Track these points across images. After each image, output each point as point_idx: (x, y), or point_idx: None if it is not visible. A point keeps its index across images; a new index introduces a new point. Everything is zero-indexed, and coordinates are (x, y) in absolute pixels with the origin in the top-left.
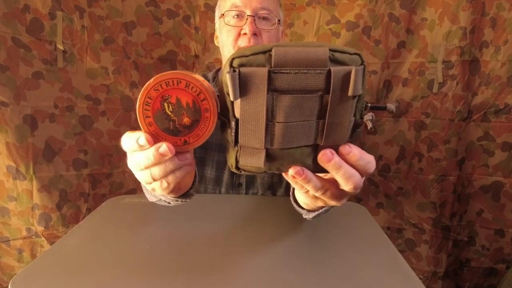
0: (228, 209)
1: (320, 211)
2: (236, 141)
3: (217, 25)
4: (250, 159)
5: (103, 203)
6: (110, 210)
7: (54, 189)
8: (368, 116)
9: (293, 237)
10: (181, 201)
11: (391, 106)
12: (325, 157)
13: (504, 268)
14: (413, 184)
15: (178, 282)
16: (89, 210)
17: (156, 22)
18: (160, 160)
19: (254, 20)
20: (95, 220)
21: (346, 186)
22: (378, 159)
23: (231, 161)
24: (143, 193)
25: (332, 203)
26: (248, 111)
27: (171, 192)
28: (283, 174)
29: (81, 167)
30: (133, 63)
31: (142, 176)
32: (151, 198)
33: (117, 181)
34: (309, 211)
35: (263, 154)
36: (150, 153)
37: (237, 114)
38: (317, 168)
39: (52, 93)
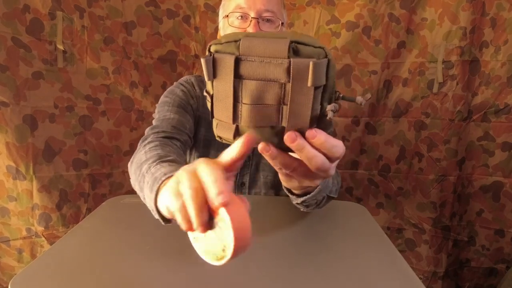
0: None
1: (308, 196)
2: (212, 115)
3: (220, 25)
4: (223, 131)
5: (103, 203)
6: (110, 210)
7: (54, 189)
8: (330, 107)
9: (294, 237)
10: (161, 220)
11: (360, 98)
12: (289, 138)
13: (504, 268)
14: (413, 184)
15: (179, 282)
16: (89, 210)
17: (156, 22)
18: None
19: (258, 22)
20: (95, 220)
21: (310, 166)
22: (378, 159)
23: (213, 130)
24: None
25: (306, 182)
26: (219, 91)
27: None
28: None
29: (81, 167)
30: (133, 63)
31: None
32: (140, 194)
33: (117, 181)
34: (297, 196)
35: (233, 129)
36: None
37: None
38: (284, 147)
39: (52, 93)
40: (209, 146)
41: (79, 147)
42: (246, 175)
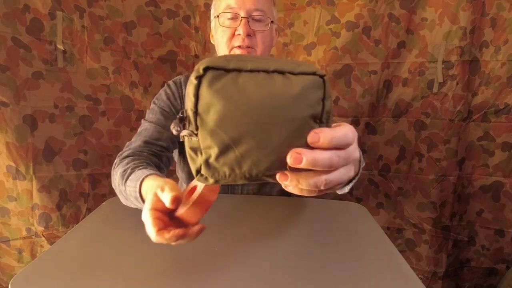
0: (227, 209)
1: (354, 182)
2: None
3: (212, 24)
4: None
5: (103, 203)
6: (110, 210)
7: (54, 189)
8: (173, 125)
9: (293, 237)
10: None
11: (173, 128)
12: (295, 160)
13: (504, 268)
14: (413, 184)
15: (178, 281)
16: (89, 210)
17: (156, 22)
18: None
19: (248, 21)
20: (95, 220)
21: (335, 169)
22: (378, 159)
23: None
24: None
25: (343, 180)
26: None
27: None
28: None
29: (81, 167)
30: (133, 63)
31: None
32: (126, 202)
33: None
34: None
35: None
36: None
37: None
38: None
39: (52, 93)
40: None
41: (79, 147)
42: None
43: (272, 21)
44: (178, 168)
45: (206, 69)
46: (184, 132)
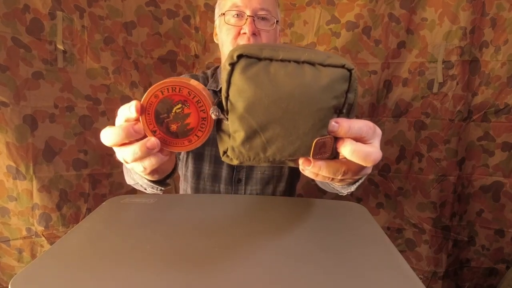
0: (227, 209)
1: (362, 180)
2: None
3: (216, 23)
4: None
5: (103, 203)
6: (110, 210)
7: (54, 189)
8: (212, 109)
9: (292, 237)
10: (157, 188)
11: (212, 110)
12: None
13: (504, 268)
14: (413, 184)
15: (179, 282)
16: (89, 210)
17: (156, 22)
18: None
19: (254, 20)
20: (95, 220)
21: (351, 158)
22: None
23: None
24: (143, 193)
25: (360, 173)
26: None
27: (149, 174)
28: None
29: (81, 167)
30: (133, 63)
31: (121, 154)
32: (129, 181)
33: (117, 181)
34: (349, 184)
35: None
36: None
37: None
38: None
39: (52, 93)
40: (201, 159)
41: (79, 147)
42: (242, 171)
43: (277, 21)
44: (181, 166)
45: (239, 57)
46: (220, 116)
